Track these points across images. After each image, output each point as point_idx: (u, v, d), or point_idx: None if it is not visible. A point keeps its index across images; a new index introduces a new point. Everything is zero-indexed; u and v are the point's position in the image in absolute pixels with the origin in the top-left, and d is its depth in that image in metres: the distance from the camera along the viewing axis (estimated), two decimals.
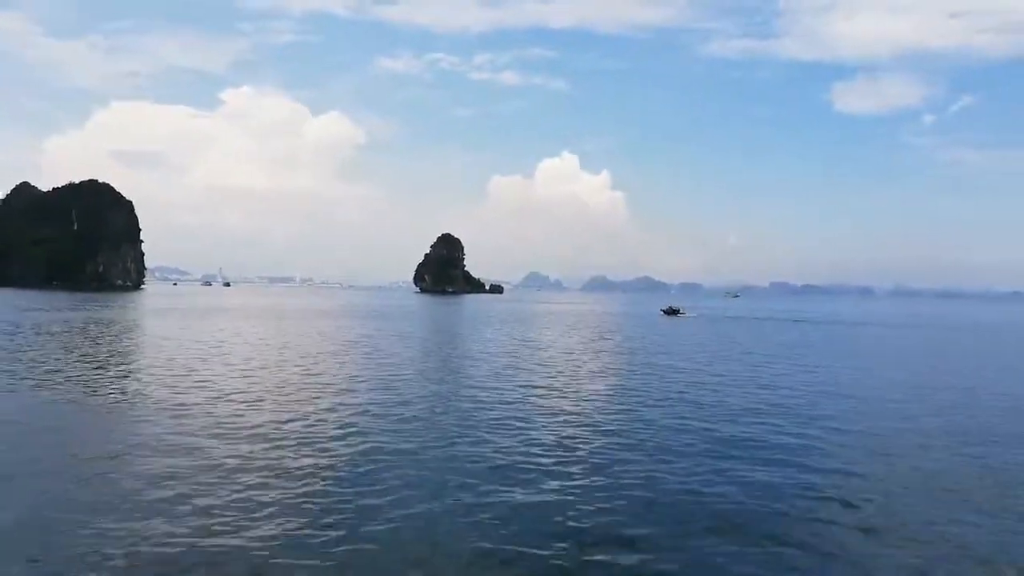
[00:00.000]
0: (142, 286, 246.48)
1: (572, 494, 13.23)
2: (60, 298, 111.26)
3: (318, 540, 10.61)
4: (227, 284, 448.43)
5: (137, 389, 23.89)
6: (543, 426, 19.43)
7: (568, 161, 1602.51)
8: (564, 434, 18.45)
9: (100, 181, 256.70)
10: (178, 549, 10.17)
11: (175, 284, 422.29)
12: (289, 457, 15.35)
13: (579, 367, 34.23)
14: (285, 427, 18.36)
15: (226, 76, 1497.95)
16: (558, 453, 16.39)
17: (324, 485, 13.35)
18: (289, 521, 11.38)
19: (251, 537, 10.66)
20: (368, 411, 20.93)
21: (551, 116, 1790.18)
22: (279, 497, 12.52)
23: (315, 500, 12.44)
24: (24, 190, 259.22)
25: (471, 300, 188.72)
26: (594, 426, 19.61)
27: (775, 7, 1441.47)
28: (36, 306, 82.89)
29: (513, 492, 13.25)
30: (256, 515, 11.58)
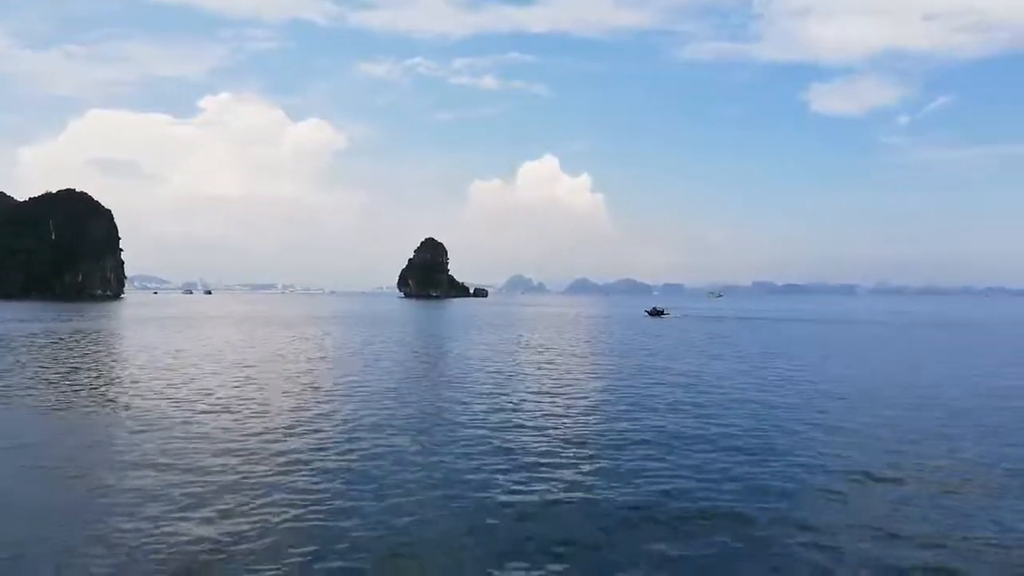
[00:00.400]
0: (122, 296, 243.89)
1: (580, 497, 13.29)
2: (40, 309, 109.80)
3: (335, 550, 10.51)
4: (208, 292, 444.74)
5: (136, 401, 23.60)
6: (549, 428, 19.45)
7: (548, 164, 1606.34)
8: (570, 436, 18.50)
9: (78, 190, 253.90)
10: (186, 559, 10.01)
11: (155, 293, 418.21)
12: (296, 463, 15.23)
13: (576, 368, 34.23)
14: (289, 434, 18.26)
15: (205, 83, 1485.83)
16: (565, 455, 16.42)
17: (335, 492, 13.28)
18: (301, 529, 11.28)
19: (262, 547, 10.51)
20: (370, 417, 20.81)
21: (531, 120, 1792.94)
22: (288, 506, 12.43)
23: (327, 508, 12.35)
24: None
25: (457, 304, 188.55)
26: (598, 427, 19.67)
27: (751, 10, 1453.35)
28: (17, 317, 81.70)
29: (525, 494, 13.26)
30: (265, 525, 11.45)
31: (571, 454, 16.48)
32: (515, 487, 13.69)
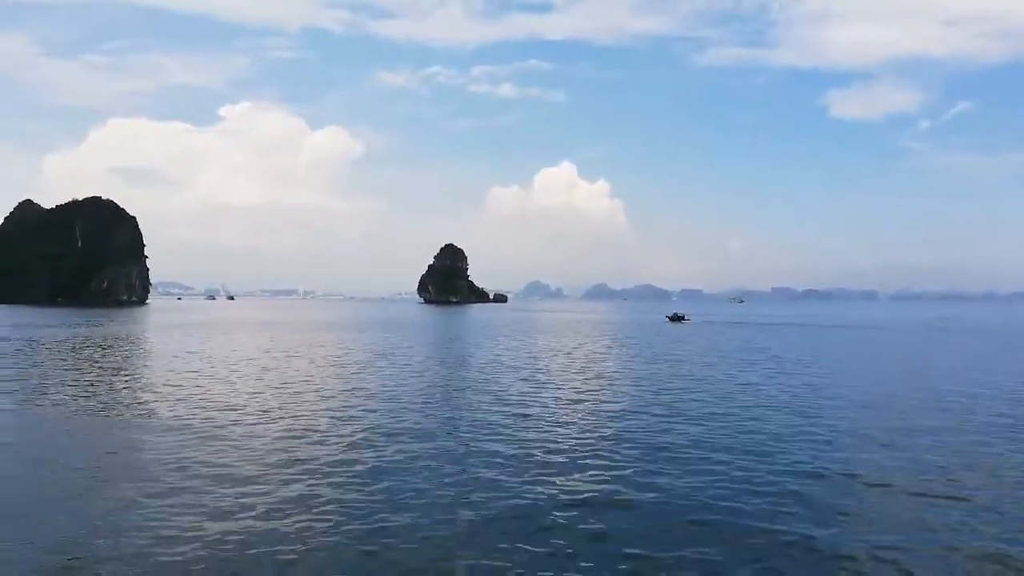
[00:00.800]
0: (147, 302, 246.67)
1: (620, 502, 13.55)
2: (68, 315, 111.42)
3: (382, 554, 10.89)
4: (231, 298, 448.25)
5: (176, 408, 24.04)
6: (585, 435, 19.70)
7: (567, 170, 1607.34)
8: (605, 443, 18.72)
9: (103, 198, 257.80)
10: (222, 563, 10.43)
11: (179, 299, 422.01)
12: (337, 468, 15.63)
13: (605, 374, 34.37)
14: (328, 439, 18.66)
15: (224, 92, 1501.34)
16: (602, 463, 16.65)
17: (380, 497, 13.63)
18: (346, 534, 11.66)
19: (305, 550, 10.92)
20: (404, 421, 21.19)
21: (549, 127, 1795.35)
22: (332, 510, 12.82)
23: (371, 514, 12.70)
24: (27, 208, 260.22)
25: (478, 310, 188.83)
26: (631, 434, 19.86)
27: (769, 16, 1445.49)
28: (48, 323, 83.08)
29: (564, 498, 13.53)
30: (310, 529, 11.85)
31: (608, 461, 16.69)
32: (554, 492, 13.97)
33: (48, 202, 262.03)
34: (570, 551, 10.86)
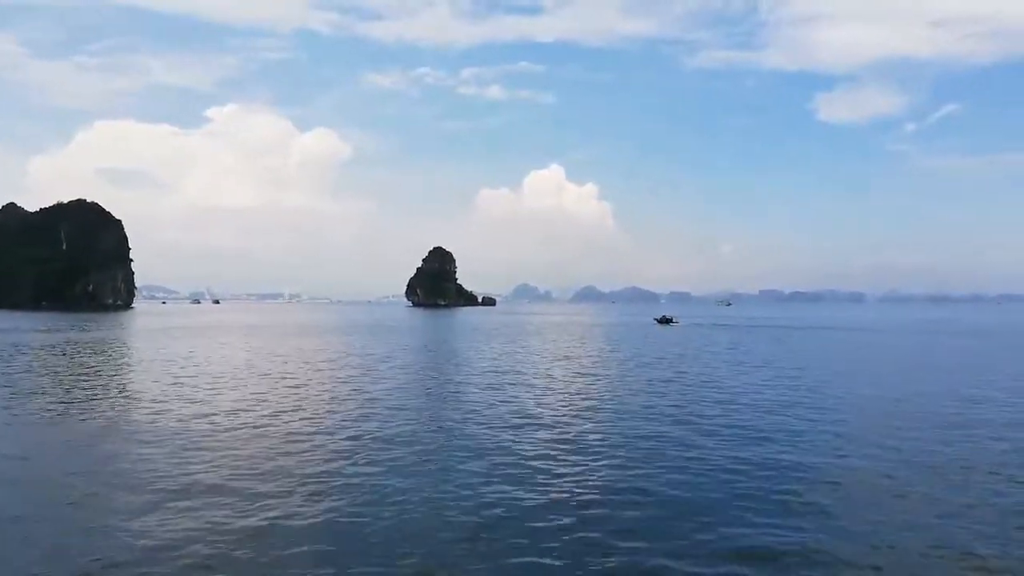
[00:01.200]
0: (132, 306, 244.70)
1: (627, 507, 13.41)
2: (53, 319, 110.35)
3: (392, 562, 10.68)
4: (216, 302, 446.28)
5: (177, 414, 23.75)
6: (591, 443, 19.59)
7: (555, 173, 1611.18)
8: (609, 451, 18.61)
9: (88, 201, 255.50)
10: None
11: (164, 303, 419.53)
12: (337, 477, 15.46)
13: (603, 378, 34.31)
14: (328, 445, 18.46)
15: (212, 94, 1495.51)
16: (604, 463, 16.55)
17: (383, 501, 13.44)
18: (354, 540, 11.45)
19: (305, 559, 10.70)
20: (406, 426, 21.00)
21: (538, 129, 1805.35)
22: (338, 518, 12.61)
23: (377, 518, 12.53)
24: (11, 210, 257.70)
25: (466, 313, 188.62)
26: (634, 435, 19.77)
27: (758, 18, 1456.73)
28: (35, 327, 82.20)
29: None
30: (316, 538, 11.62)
31: (608, 462, 16.58)
32: (559, 494, 13.85)
33: (34, 204, 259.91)
34: (579, 553, 10.74)
